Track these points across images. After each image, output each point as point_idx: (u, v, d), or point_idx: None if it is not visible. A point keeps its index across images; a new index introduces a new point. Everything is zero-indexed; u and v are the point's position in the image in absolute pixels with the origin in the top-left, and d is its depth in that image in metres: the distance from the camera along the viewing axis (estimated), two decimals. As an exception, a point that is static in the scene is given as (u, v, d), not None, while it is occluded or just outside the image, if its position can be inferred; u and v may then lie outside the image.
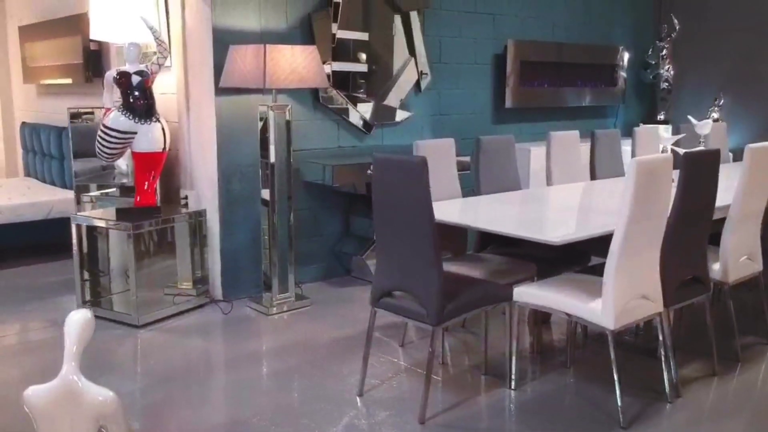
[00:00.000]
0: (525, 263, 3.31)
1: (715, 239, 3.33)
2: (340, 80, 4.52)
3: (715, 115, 6.34)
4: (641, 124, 6.63)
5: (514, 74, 5.51)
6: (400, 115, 4.90)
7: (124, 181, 4.37)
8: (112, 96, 3.91)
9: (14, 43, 6.61)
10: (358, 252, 4.65)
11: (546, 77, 5.83)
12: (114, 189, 4.47)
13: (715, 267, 3.35)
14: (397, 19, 4.81)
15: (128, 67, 3.81)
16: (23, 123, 6.52)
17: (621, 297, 2.69)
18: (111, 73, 3.84)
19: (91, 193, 4.49)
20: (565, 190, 3.90)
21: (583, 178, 4.35)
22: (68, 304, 4.10)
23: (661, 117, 6.68)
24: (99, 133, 3.80)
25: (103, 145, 3.81)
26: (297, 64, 3.77)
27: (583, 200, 3.72)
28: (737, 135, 6.44)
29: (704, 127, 4.15)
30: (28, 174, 6.47)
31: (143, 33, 3.97)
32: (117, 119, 3.77)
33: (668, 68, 6.61)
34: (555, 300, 2.84)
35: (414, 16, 4.87)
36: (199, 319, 3.94)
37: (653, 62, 6.64)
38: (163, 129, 3.88)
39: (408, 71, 4.90)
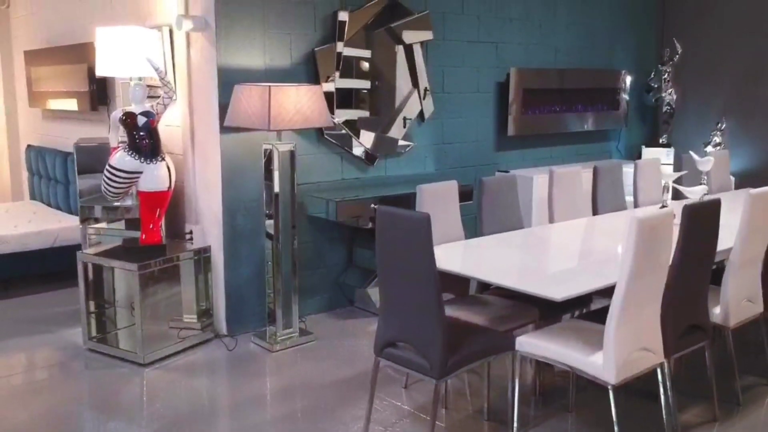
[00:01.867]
0: (527, 307, 3.34)
1: (716, 278, 3.35)
2: (344, 111, 4.55)
3: (718, 139, 6.37)
4: (643, 147, 6.68)
5: (516, 102, 5.54)
6: (403, 146, 4.93)
7: (129, 215, 4.41)
8: (117, 135, 3.94)
9: (20, 67, 6.65)
10: (361, 283, 4.69)
11: (548, 104, 5.85)
12: (119, 220, 4.50)
13: (716, 311, 3.37)
14: (400, 51, 4.84)
15: (134, 108, 3.84)
16: (29, 146, 6.56)
17: (622, 351, 2.72)
18: (117, 114, 3.88)
19: (97, 226, 4.53)
20: (567, 230, 3.93)
21: (586, 210, 4.37)
22: (75, 338, 4.15)
23: (663, 140, 6.70)
24: (105, 172, 3.83)
25: (109, 185, 3.85)
26: (301, 104, 3.80)
27: (585, 243, 3.74)
28: (739, 159, 6.46)
29: (706, 163, 4.18)
30: (33, 197, 6.51)
31: (149, 69, 4.02)
32: (123, 159, 3.80)
33: (670, 92, 6.63)
34: (557, 352, 2.87)
35: (417, 47, 4.89)
36: (204, 356, 3.97)
37: (655, 85, 6.67)
38: (168, 168, 3.91)
39: (411, 102, 4.93)
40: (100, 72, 4.30)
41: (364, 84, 4.64)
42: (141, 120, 3.79)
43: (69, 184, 5.76)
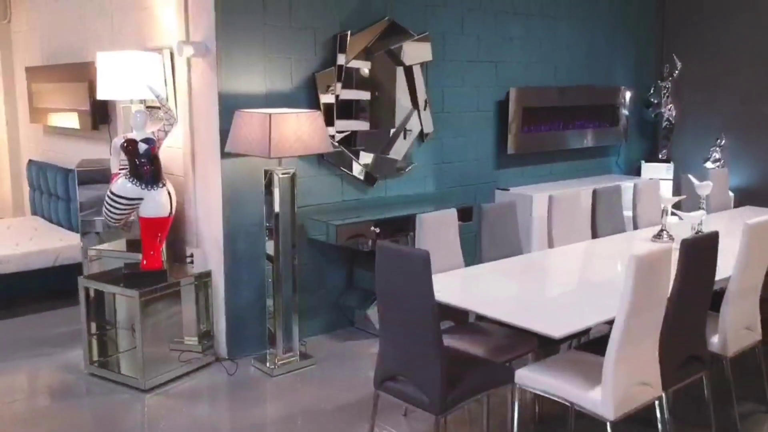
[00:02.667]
0: (526, 336, 3.34)
1: (715, 303, 3.36)
2: (343, 136, 4.57)
3: (717, 155, 6.39)
4: (643, 162, 6.70)
5: (516, 121, 5.56)
6: (404, 166, 4.95)
7: (129, 236, 4.44)
8: (119, 161, 3.96)
9: (21, 82, 6.67)
10: (361, 304, 4.71)
11: (548, 121, 5.87)
12: (120, 240, 4.53)
13: (714, 340, 3.39)
14: (400, 72, 4.85)
15: (135, 135, 3.86)
16: (30, 161, 6.59)
17: (620, 387, 2.74)
18: (118, 140, 3.90)
19: (98, 247, 4.55)
20: (566, 255, 3.95)
21: (585, 232, 4.39)
22: (76, 361, 4.16)
23: (662, 155, 6.72)
24: (106, 199, 3.85)
25: (110, 211, 3.87)
26: (302, 131, 3.82)
27: (584, 271, 3.75)
28: (739, 175, 6.49)
29: (705, 188, 4.19)
30: (34, 212, 6.53)
31: (150, 93, 4.05)
32: (124, 186, 3.82)
33: (670, 107, 6.65)
34: (555, 386, 2.89)
35: (417, 68, 4.91)
36: (205, 381, 3.99)
37: (655, 101, 6.69)
38: (169, 193, 3.93)
39: (411, 123, 4.95)
40: (101, 96, 4.33)
41: (364, 105, 4.66)
42: (142, 147, 3.81)
43: (70, 201, 5.78)
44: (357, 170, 4.68)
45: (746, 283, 3.41)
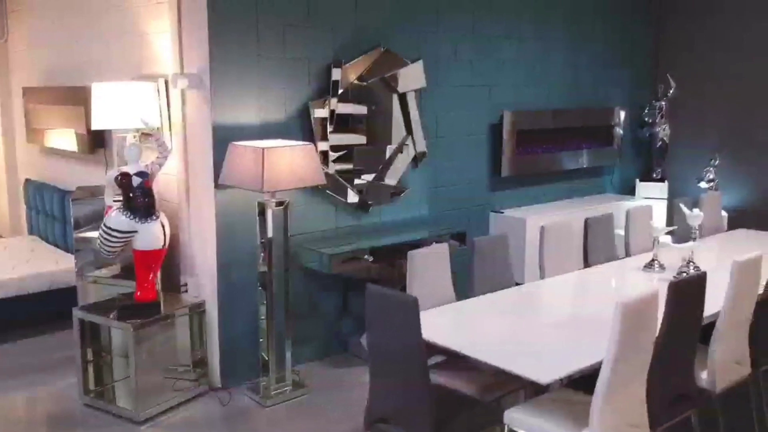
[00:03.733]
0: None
1: (705, 335, 3.38)
2: (338, 162, 4.60)
3: (711, 175, 6.42)
4: (638, 181, 6.73)
5: (509, 144, 5.59)
6: (398, 192, 4.97)
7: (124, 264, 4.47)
8: (113, 193, 3.99)
9: (18, 101, 6.70)
10: (355, 331, 4.74)
11: (542, 143, 5.91)
12: (116, 265, 4.56)
13: (703, 375, 3.42)
14: (394, 99, 4.88)
15: (129, 168, 3.89)
16: (27, 180, 6.61)
17: (608, 429, 2.76)
18: (113, 174, 3.93)
19: (94, 274, 4.58)
20: (558, 287, 3.97)
21: (578, 260, 4.41)
22: (71, 390, 4.18)
23: (657, 175, 6.75)
24: (101, 231, 3.88)
25: (104, 244, 3.90)
26: (295, 164, 3.85)
27: (574, 306, 3.76)
28: (733, 195, 6.52)
29: (695, 218, 4.22)
30: (31, 231, 6.56)
31: (138, 122, 4.10)
32: (118, 219, 3.85)
33: (664, 127, 6.69)
34: (544, 427, 2.91)
35: (411, 95, 4.94)
36: (198, 412, 4.01)
37: (649, 120, 6.72)
38: (162, 225, 3.96)
39: (406, 148, 4.97)
40: (95, 126, 4.36)
41: (360, 133, 4.68)
42: (136, 180, 3.84)
43: (66, 223, 5.81)
44: (351, 197, 4.71)
45: (735, 318, 3.43)
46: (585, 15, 6.21)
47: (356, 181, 4.71)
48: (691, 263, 4.19)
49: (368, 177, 4.77)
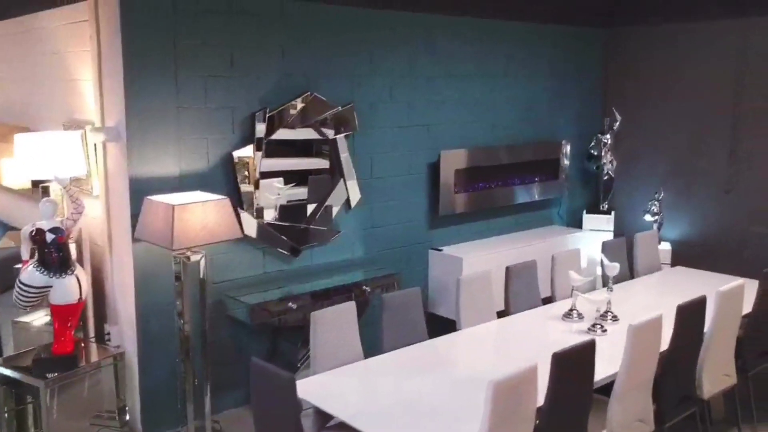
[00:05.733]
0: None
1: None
2: (264, 210, 4.62)
3: (655, 209, 6.45)
4: (584, 213, 6.77)
5: (447, 183, 5.61)
6: (329, 236, 5.00)
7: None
8: (29, 247, 4.01)
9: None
10: (284, 374, 4.76)
11: (483, 180, 5.93)
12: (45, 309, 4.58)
13: (603, 435, 3.46)
14: (324, 144, 4.90)
15: (44, 224, 3.91)
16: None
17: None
18: (28, 228, 3.94)
19: (20, 319, 4.61)
20: (470, 342, 4.00)
21: (497, 306, 4.44)
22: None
23: (604, 207, 6.79)
24: (16, 287, 3.90)
25: (20, 298, 3.92)
26: (208, 220, 3.87)
27: (477, 366, 3.76)
28: (677, 228, 6.57)
29: (613, 269, 4.25)
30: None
31: (68, 170, 4.11)
32: (32, 275, 3.87)
33: (611, 160, 6.72)
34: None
35: (341, 139, 4.96)
36: (115, 464, 4.04)
37: (596, 153, 6.75)
38: (78, 280, 3.98)
39: (336, 192, 5.00)
40: (23, 177, 4.38)
41: (286, 180, 4.71)
42: (50, 237, 3.85)
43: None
44: (279, 243, 4.73)
45: (634, 381, 3.46)
46: (529, 50, 6.23)
47: (284, 228, 4.73)
48: (609, 313, 4.24)
49: (297, 223, 4.79)
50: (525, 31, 6.17)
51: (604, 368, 3.46)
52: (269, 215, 4.66)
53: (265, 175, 4.59)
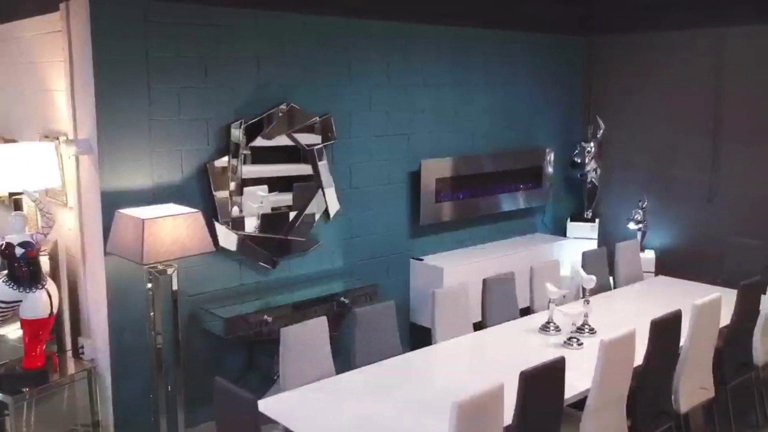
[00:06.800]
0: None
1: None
2: (241, 221, 4.58)
3: (639, 217, 6.43)
4: (569, 221, 6.74)
5: (428, 192, 5.58)
6: (308, 246, 4.96)
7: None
8: (-1, 263, 3.98)
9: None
10: (261, 387, 4.71)
11: (464, 190, 5.90)
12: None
13: (575, 452, 3.43)
14: (301, 154, 4.87)
15: (13, 238, 3.87)
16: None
17: None
18: (-4, 243, 3.91)
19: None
20: (445, 356, 3.97)
21: (476, 317, 4.42)
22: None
23: (588, 215, 6.77)
24: (-15, 301, 3.87)
25: (-12, 313, 3.88)
26: (179, 233, 3.83)
27: (449, 382, 3.72)
28: (660, 236, 6.55)
29: (589, 282, 4.22)
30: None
31: (38, 183, 4.07)
32: (2, 289, 3.84)
33: (595, 168, 6.70)
34: None
35: (319, 149, 4.93)
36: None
37: (579, 161, 6.73)
38: (49, 294, 3.94)
39: (315, 202, 4.96)
40: (-2, 188, 4.34)
41: (263, 190, 4.67)
42: (19, 251, 3.82)
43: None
44: (257, 255, 4.69)
45: (607, 396, 3.43)
46: (508, 58, 6.21)
47: (262, 239, 4.69)
48: (586, 326, 4.21)
49: (275, 234, 4.75)
50: (503, 38, 6.14)
51: (580, 382, 3.44)
52: (246, 226, 4.62)
53: (242, 186, 4.56)
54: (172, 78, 4.23)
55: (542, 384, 3.04)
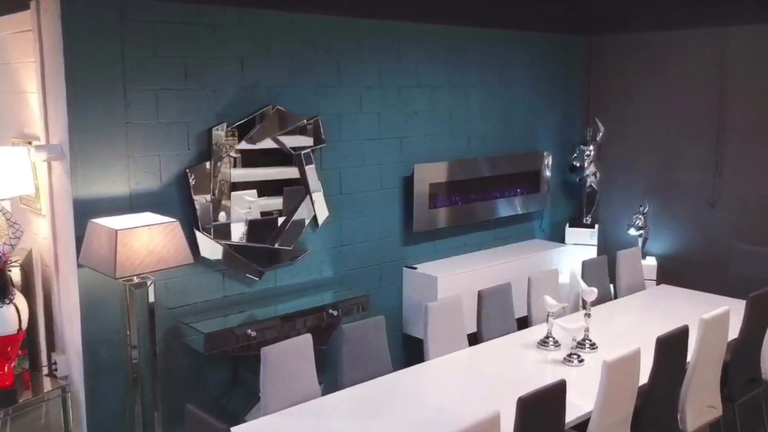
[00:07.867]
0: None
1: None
2: (223, 230, 4.36)
3: (640, 222, 6.23)
4: (567, 227, 6.53)
5: (422, 198, 5.36)
6: (295, 255, 4.74)
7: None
8: (-35, 275, 3.75)
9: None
10: (246, 403, 4.49)
11: (461, 194, 5.68)
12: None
13: (576, 479, 3.21)
14: (288, 158, 4.65)
15: (-22, 250, 3.65)
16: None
17: None
18: (-39, 255, 3.68)
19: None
20: (437, 374, 3.75)
21: (471, 328, 4.21)
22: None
23: (586, 220, 6.55)
24: (-51, 317, 3.64)
25: (-47, 329, 3.65)
26: (155, 244, 3.61)
27: (445, 402, 3.53)
28: (662, 242, 6.35)
29: (590, 294, 4.02)
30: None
31: (10, 189, 3.85)
32: (-34, 304, 3.61)
33: (594, 172, 6.49)
34: None
35: (307, 153, 4.71)
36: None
37: (578, 165, 6.53)
38: (17, 309, 3.72)
39: (302, 209, 4.74)
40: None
41: (248, 197, 4.45)
42: (-16, 264, 3.59)
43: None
44: (240, 265, 4.47)
45: (610, 419, 3.22)
46: (505, 59, 6.00)
47: (245, 248, 4.46)
48: (587, 340, 4.00)
49: (260, 243, 4.53)
50: (500, 38, 5.93)
51: (581, 401, 3.24)
52: (230, 235, 4.39)
53: (223, 193, 4.33)
54: (150, 79, 4.00)
55: (541, 409, 2.82)
